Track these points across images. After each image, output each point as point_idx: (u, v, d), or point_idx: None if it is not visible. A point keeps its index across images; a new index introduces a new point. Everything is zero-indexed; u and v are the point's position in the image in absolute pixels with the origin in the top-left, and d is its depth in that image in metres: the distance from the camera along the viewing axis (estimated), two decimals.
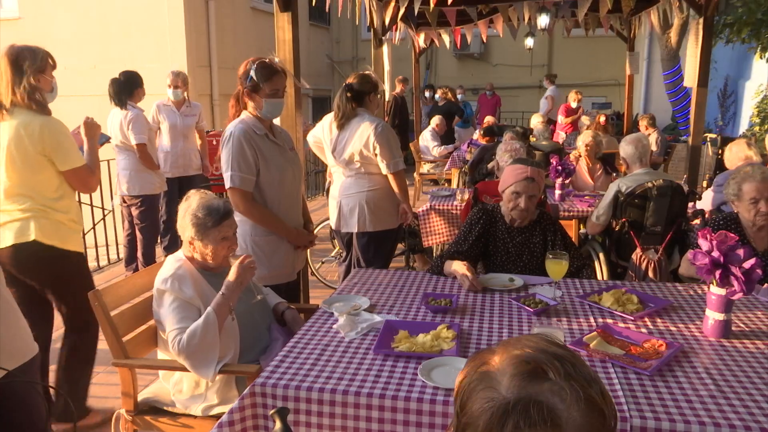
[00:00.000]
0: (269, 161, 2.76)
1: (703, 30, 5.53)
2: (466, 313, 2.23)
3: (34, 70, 2.53)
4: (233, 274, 2.20)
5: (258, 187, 2.75)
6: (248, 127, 2.72)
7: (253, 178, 2.72)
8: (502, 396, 0.82)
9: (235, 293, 2.20)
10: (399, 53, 9.49)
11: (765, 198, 2.67)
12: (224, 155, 2.72)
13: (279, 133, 2.91)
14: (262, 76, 2.69)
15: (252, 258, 2.28)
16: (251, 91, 2.72)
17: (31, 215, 2.60)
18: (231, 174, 2.68)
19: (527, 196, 2.63)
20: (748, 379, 1.72)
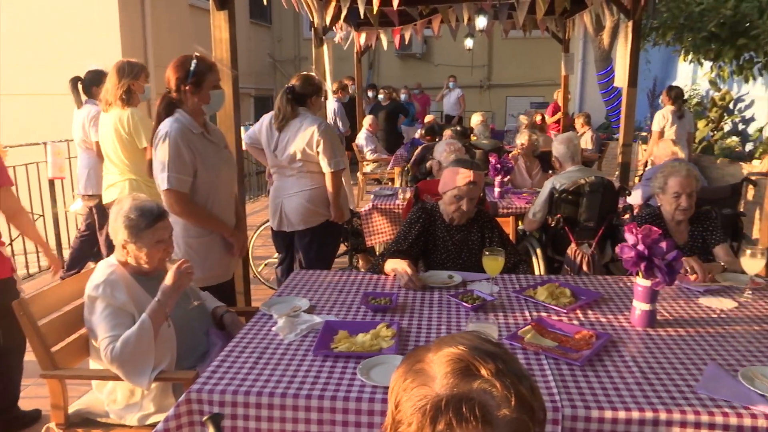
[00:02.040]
0: (206, 160, 2.70)
1: (631, 33, 5.78)
2: (406, 311, 2.25)
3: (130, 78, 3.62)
4: (170, 279, 2.14)
5: (193, 187, 2.69)
6: (183, 126, 2.65)
7: (189, 178, 2.65)
8: (436, 393, 0.84)
9: (172, 299, 2.15)
10: (341, 53, 9.46)
11: (686, 193, 2.81)
12: (158, 156, 2.63)
13: (213, 131, 2.85)
14: (205, 67, 2.66)
15: (190, 263, 2.22)
16: (195, 85, 2.65)
17: None
18: (167, 175, 2.60)
19: (468, 199, 2.67)
20: (671, 366, 1.81)
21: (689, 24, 6.76)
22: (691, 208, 2.84)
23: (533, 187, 4.99)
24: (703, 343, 1.98)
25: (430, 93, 13.22)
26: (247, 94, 13.45)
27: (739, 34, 6.56)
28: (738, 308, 2.28)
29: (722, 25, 6.58)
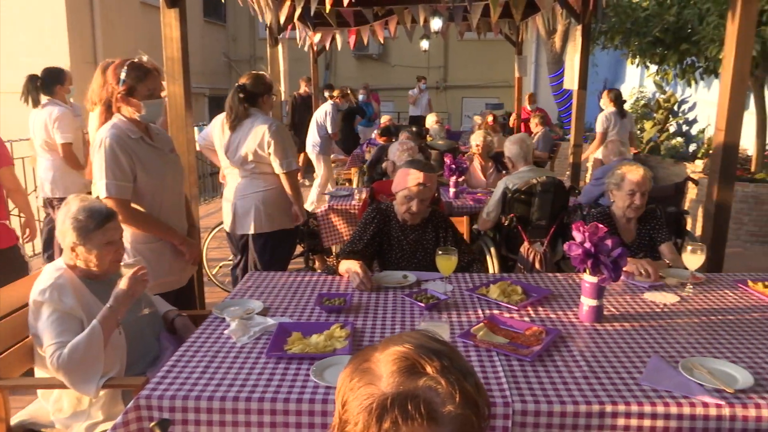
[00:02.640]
0: (147, 166, 2.62)
1: (581, 37, 5.94)
2: (360, 312, 2.25)
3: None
4: (124, 285, 2.08)
5: (137, 194, 2.62)
6: (121, 132, 2.57)
7: (129, 185, 2.57)
8: (382, 392, 0.84)
9: (125, 306, 2.09)
10: (297, 53, 9.42)
11: (641, 192, 2.90)
12: (96, 163, 2.55)
13: (156, 135, 2.77)
14: (135, 77, 2.55)
15: (146, 270, 2.17)
16: (126, 94, 2.56)
17: None
18: (106, 183, 2.52)
19: (419, 200, 2.70)
20: (617, 359, 1.87)
21: (635, 29, 6.99)
22: (642, 207, 2.94)
23: (488, 187, 5.06)
24: (647, 336, 2.05)
25: (390, 94, 13.27)
26: (201, 94, 13.23)
27: (682, 40, 6.82)
28: (680, 302, 2.37)
29: (666, 31, 6.83)
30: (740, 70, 3.26)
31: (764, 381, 1.74)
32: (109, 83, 2.57)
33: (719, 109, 3.38)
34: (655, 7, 6.93)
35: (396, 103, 14.83)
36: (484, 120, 7.99)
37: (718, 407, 1.61)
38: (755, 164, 6.82)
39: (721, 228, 3.46)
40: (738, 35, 3.20)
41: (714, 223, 3.45)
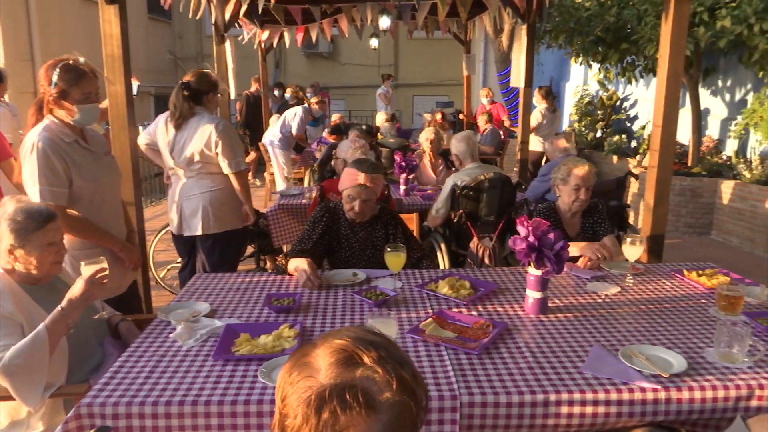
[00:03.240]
0: (82, 170, 2.52)
1: (526, 36, 6.08)
2: (310, 311, 2.24)
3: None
4: (79, 288, 1.98)
5: (72, 199, 2.51)
6: (54, 135, 2.47)
7: (65, 190, 2.47)
8: (320, 384, 0.85)
9: (77, 310, 2.00)
10: (246, 51, 9.29)
11: (586, 187, 2.99)
12: (27, 169, 2.43)
13: (92, 138, 2.67)
14: (68, 80, 2.44)
15: (106, 272, 2.06)
16: (59, 97, 2.45)
17: None
18: (39, 189, 2.41)
19: (361, 200, 2.70)
20: (560, 349, 1.92)
21: (578, 28, 7.19)
22: (587, 201, 3.03)
23: (438, 184, 5.11)
24: (589, 326, 2.11)
25: (341, 93, 13.22)
26: (146, 93, 12.88)
27: (622, 39, 7.05)
28: (620, 292, 2.46)
29: (607, 30, 7.05)
30: (674, 68, 3.39)
31: (697, 365, 1.82)
32: (41, 84, 2.47)
33: (656, 106, 3.51)
34: (597, 8, 7.14)
35: (347, 102, 14.80)
36: (433, 118, 8.07)
37: (654, 392, 1.68)
38: (691, 159, 7.12)
39: (659, 220, 3.59)
40: (672, 35, 3.33)
41: (653, 215, 3.58)
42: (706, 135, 7.56)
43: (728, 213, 6.50)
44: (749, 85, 7.16)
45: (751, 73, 6.73)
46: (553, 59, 11.37)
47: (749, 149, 7.04)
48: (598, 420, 1.68)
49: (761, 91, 6.59)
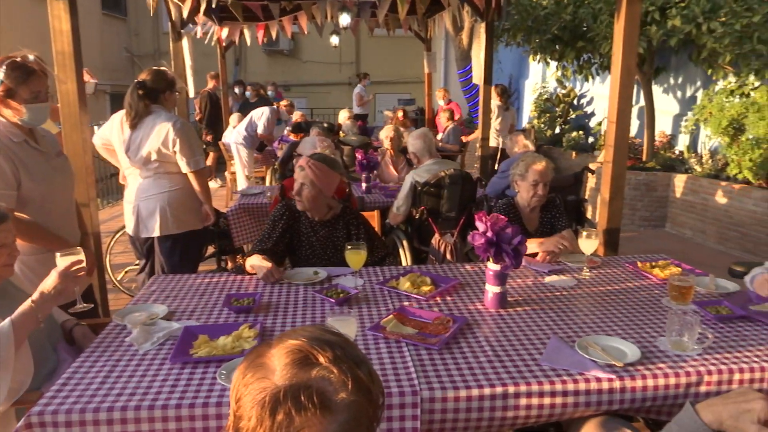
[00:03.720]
0: (32, 171, 2.43)
1: (485, 34, 6.15)
2: (270, 310, 2.22)
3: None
4: (53, 281, 1.90)
5: (22, 202, 2.42)
6: (1, 135, 2.38)
7: (13, 192, 2.37)
8: (275, 385, 0.85)
9: (49, 305, 1.91)
10: (204, 48, 9.12)
11: (543, 183, 3.04)
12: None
13: (42, 137, 2.58)
14: (16, 78, 2.35)
15: (83, 264, 1.98)
16: (5, 96, 2.36)
17: None
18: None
19: (299, 183, 2.70)
20: (519, 342, 1.96)
21: (536, 26, 7.31)
22: (544, 197, 3.08)
23: (400, 181, 5.13)
24: (547, 319, 2.15)
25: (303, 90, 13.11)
26: (101, 91, 12.54)
27: (578, 37, 7.20)
28: (577, 285, 2.51)
29: (564, 29, 7.19)
30: (627, 65, 3.48)
31: (650, 354, 1.88)
32: None
33: (610, 103, 3.60)
34: (553, 6, 7.27)
35: (309, 100, 14.71)
36: (394, 115, 8.09)
37: (609, 381, 1.73)
38: (646, 154, 7.32)
39: (615, 214, 3.68)
40: (624, 34, 3.41)
41: (609, 209, 3.67)
42: (660, 131, 7.78)
43: (681, 206, 6.71)
44: (699, 83, 7.40)
45: (701, 70, 6.95)
46: (512, 57, 11.53)
47: (700, 144, 7.28)
48: (556, 411, 1.71)
49: (710, 88, 6.82)
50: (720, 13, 5.70)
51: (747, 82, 6.31)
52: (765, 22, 5.47)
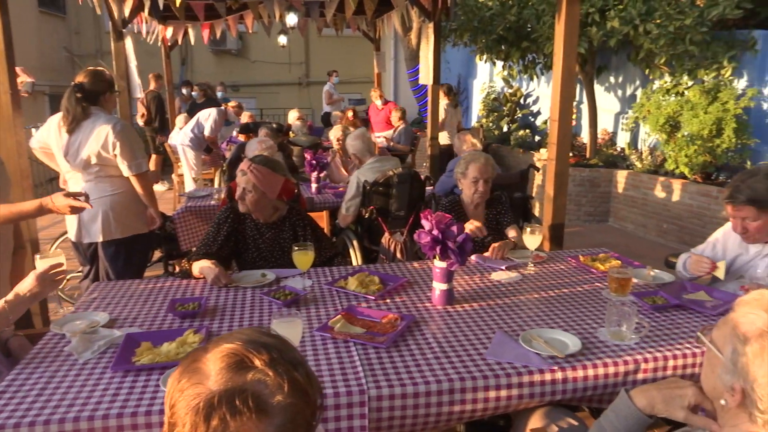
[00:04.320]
0: None
1: (433, 34, 6.21)
2: (216, 314, 2.19)
3: None
4: (29, 283, 1.84)
5: None
6: None
7: None
8: (209, 390, 0.84)
9: (22, 307, 1.86)
10: (149, 47, 8.88)
11: (484, 179, 3.10)
12: None
13: None
14: None
15: (63, 267, 1.92)
16: None
17: None
18: None
19: (241, 188, 2.67)
20: (465, 338, 1.99)
21: (482, 27, 7.43)
22: (487, 193, 3.14)
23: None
24: (493, 314, 2.20)
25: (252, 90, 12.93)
26: (40, 92, 12.04)
27: (523, 38, 7.36)
28: (522, 280, 2.57)
29: (509, 29, 7.34)
30: (568, 66, 3.58)
31: (590, 344, 1.94)
32: None
33: (552, 102, 3.70)
34: (498, 7, 7.41)
35: (258, 100, 14.52)
36: (344, 115, 8.09)
37: (552, 372, 1.78)
38: (589, 151, 7.55)
39: (559, 210, 3.79)
40: (564, 35, 3.51)
41: (553, 205, 3.77)
42: (602, 129, 8.04)
43: (623, 201, 6.95)
44: (638, 82, 7.68)
45: (639, 70, 7.22)
46: (460, 57, 11.68)
47: (640, 141, 7.55)
48: (501, 403, 1.75)
49: (648, 87, 7.09)
50: (655, 16, 5.93)
51: (681, 82, 6.59)
52: (696, 24, 5.72)
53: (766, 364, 1.13)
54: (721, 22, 6.18)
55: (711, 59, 6.11)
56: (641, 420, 1.39)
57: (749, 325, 1.18)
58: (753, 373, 1.14)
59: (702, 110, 5.87)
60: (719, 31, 6.22)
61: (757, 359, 1.14)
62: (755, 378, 1.14)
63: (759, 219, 2.29)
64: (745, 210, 2.29)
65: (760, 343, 1.14)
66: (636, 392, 1.43)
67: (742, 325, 1.19)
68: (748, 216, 2.30)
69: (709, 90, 6.01)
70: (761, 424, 1.14)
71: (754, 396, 1.14)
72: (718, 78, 6.21)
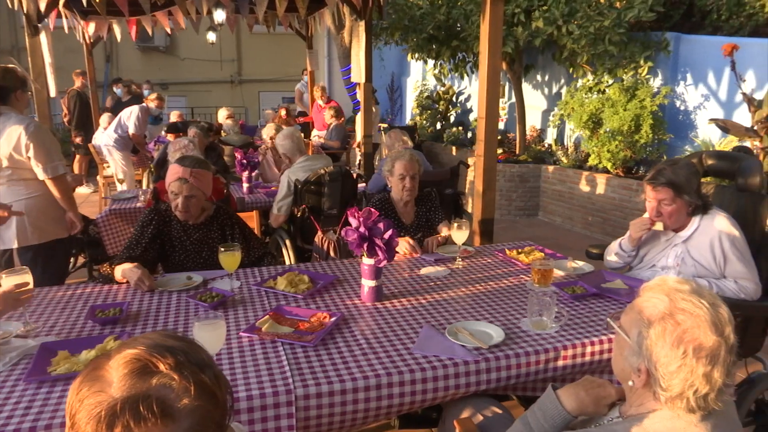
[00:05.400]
0: None
1: (364, 32, 6.23)
2: (140, 319, 2.13)
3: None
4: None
5: None
6: None
7: None
8: (111, 397, 0.81)
9: None
10: (71, 43, 8.49)
11: (410, 176, 3.15)
12: None
13: None
14: None
15: (28, 287, 1.86)
16: None
17: None
18: None
19: (184, 197, 2.61)
20: (393, 333, 2.02)
21: (412, 26, 7.51)
22: (414, 189, 3.19)
23: None
24: (421, 309, 2.23)
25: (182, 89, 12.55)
26: None
27: (453, 37, 7.49)
28: (450, 275, 2.63)
29: (439, 28, 7.45)
30: (494, 64, 3.68)
31: (513, 334, 2.01)
32: None
33: (479, 99, 3.79)
34: (428, 7, 7.51)
35: (188, 98, 14.13)
36: (277, 113, 7.99)
37: (476, 363, 1.83)
38: (519, 147, 7.78)
39: (489, 205, 3.88)
40: (489, 34, 3.60)
41: (483, 200, 3.86)
42: (531, 125, 8.29)
43: (551, 195, 7.20)
44: (563, 80, 7.98)
45: (564, 69, 7.49)
46: (394, 55, 11.76)
47: (566, 137, 7.85)
48: (428, 396, 1.79)
49: (572, 85, 7.37)
50: (576, 17, 6.17)
51: (602, 80, 6.89)
52: (614, 26, 6.00)
53: (667, 345, 1.20)
54: (638, 24, 6.51)
55: (629, 59, 6.42)
56: (567, 420, 1.46)
57: (652, 309, 1.26)
58: (656, 353, 1.22)
59: (621, 107, 6.16)
60: (635, 33, 6.54)
61: (659, 341, 1.21)
62: (658, 358, 1.21)
63: (673, 204, 2.45)
64: (663, 192, 2.44)
65: (662, 325, 1.22)
66: (564, 393, 1.49)
67: (646, 309, 1.27)
68: (664, 199, 2.45)
69: (628, 88, 6.31)
70: (664, 401, 1.22)
71: (657, 375, 1.21)
72: (636, 77, 6.53)
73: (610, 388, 1.46)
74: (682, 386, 1.18)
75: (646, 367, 1.24)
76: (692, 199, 2.45)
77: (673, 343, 1.20)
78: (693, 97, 6.36)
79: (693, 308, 1.21)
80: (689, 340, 1.19)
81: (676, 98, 6.50)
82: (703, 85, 6.26)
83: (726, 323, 1.21)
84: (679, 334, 1.20)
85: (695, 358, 1.18)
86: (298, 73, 14.23)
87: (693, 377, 1.18)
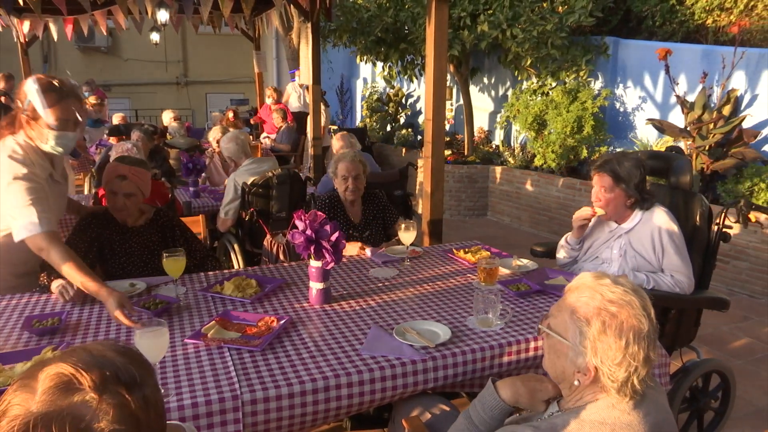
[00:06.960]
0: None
1: (312, 34, 6.20)
2: (79, 329, 2.06)
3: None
4: None
5: None
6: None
7: None
8: (29, 412, 0.78)
9: None
10: (6, 42, 8.12)
11: (352, 176, 3.17)
12: None
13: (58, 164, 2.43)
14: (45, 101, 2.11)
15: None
16: (31, 117, 2.14)
17: None
18: None
19: (123, 194, 2.56)
20: (341, 334, 2.02)
21: (360, 28, 7.53)
22: (359, 189, 3.21)
23: None
24: (370, 310, 2.25)
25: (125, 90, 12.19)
26: None
27: (401, 39, 7.55)
28: (399, 276, 2.65)
29: (387, 31, 7.49)
30: (440, 67, 3.73)
31: (460, 332, 2.04)
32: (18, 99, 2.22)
33: (426, 101, 3.83)
34: (376, 9, 7.54)
35: (132, 100, 13.74)
36: (224, 116, 7.87)
37: (423, 362, 1.85)
38: (467, 148, 7.90)
39: (437, 205, 3.93)
40: (435, 37, 3.65)
41: (431, 201, 3.90)
42: (479, 127, 8.44)
43: (499, 195, 7.35)
44: (508, 83, 8.15)
45: (509, 71, 7.66)
46: (343, 57, 11.76)
47: (512, 138, 8.02)
48: (377, 396, 1.80)
49: (517, 87, 7.55)
50: (520, 21, 6.32)
51: (546, 83, 7.08)
52: (556, 30, 6.18)
53: (610, 338, 1.25)
54: (579, 29, 6.73)
55: (570, 62, 6.62)
56: (504, 410, 1.50)
57: (585, 307, 1.30)
58: (601, 349, 1.26)
59: (564, 109, 6.35)
60: (577, 37, 6.76)
61: (602, 336, 1.26)
62: (604, 352, 1.26)
63: (612, 192, 2.57)
64: (605, 179, 2.57)
65: (600, 319, 1.27)
66: (502, 384, 1.53)
67: (580, 308, 1.31)
68: (605, 186, 2.56)
69: (570, 90, 6.51)
70: (615, 392, 1.27)
71: (605, 368, 1.26)
72: (578, 80, 6.74)
73: (548, 383, 1.49)
74: (628, 373, 1.24)
75: (594, 365, 1.28)
76: (630, 191, 2.56)
77: (615, 335, 1.25)
78: (631, 99, 6.61)
79: (622, 297, 1.27)
80: (628, 328, 1.25)
81: (616, 100, 6.74)
82: (640, 87, 6.53)
83: (650, 305, 1.29)
84: (618, 325, 1.25)
85: (636, 344, 1.24)
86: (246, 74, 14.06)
87: (636, 362, 1.24)
